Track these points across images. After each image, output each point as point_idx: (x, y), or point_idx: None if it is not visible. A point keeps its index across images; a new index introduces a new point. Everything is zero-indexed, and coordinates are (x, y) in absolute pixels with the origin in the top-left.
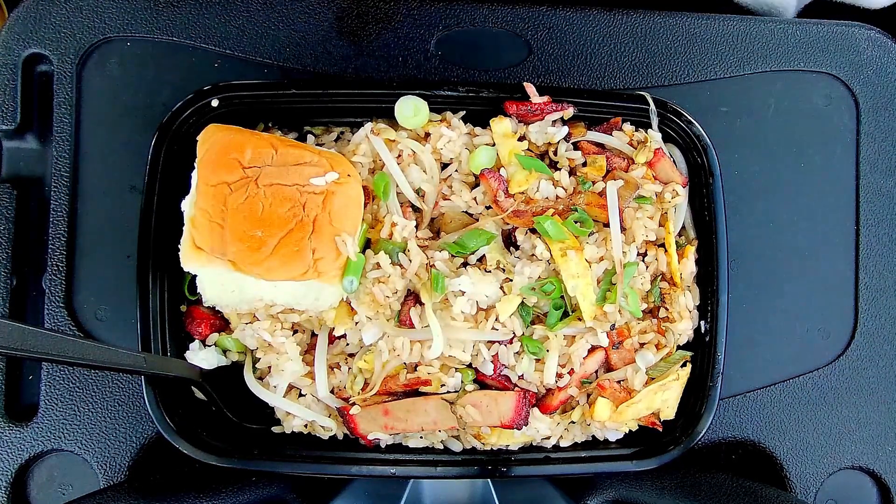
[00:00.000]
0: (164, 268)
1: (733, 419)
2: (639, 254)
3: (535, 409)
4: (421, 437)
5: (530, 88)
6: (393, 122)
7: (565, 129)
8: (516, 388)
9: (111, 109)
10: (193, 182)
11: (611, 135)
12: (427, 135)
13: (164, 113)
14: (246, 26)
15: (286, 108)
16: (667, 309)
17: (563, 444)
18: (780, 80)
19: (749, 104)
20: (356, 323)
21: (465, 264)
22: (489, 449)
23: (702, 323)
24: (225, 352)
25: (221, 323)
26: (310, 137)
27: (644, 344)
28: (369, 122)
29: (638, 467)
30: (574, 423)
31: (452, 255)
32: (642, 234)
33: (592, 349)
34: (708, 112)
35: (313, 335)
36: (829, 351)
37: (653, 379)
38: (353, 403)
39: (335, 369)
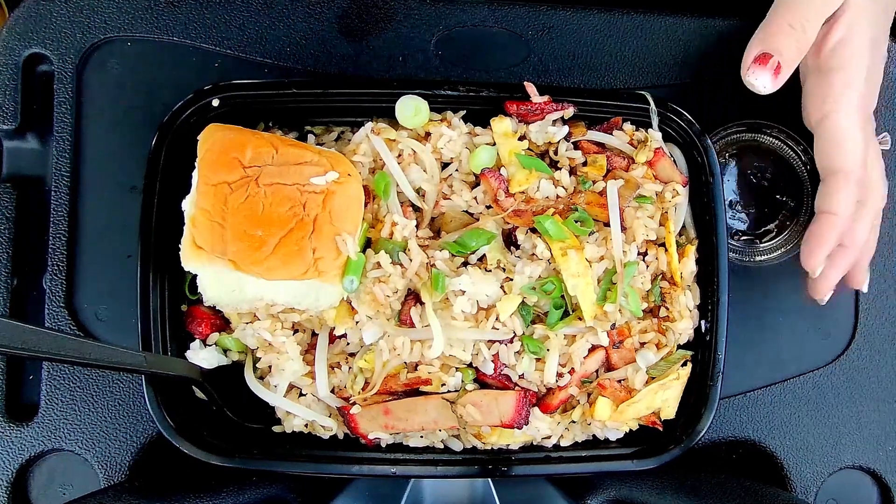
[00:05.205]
0: (165, 267)
1: (733, 419)
2: (639, 253)
3: (536, 409)
4: (421, 437)
5: (530, 88)
6: (393, 122)
7: (565, 129)
8: (517, 388)
9: (111, 109)
10: (194, 182)
11: (611, 134)
12: (427, 134)
13: (164, 113)
14: (246, 26)
15: (286, 108)
16: (667, 308)
17: (564, 443)
18: None
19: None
20: (356, 322)
21: (465, 264)
22: (489, 448)
23: (702, 322)
24: (225, 351)
25: (222, 322)
26: (310, 137)
27: (644, 343)
28: (370, 122)
29: (638, 467)
30: (574, 422)
31: (453, 255)
32: (643, 234)
33: (593, 348)
34: (708, 112)
35: (314, 335)
36: (829, 351)
37: (653, 378)
38: (354, 403)
39: (336, 369)
